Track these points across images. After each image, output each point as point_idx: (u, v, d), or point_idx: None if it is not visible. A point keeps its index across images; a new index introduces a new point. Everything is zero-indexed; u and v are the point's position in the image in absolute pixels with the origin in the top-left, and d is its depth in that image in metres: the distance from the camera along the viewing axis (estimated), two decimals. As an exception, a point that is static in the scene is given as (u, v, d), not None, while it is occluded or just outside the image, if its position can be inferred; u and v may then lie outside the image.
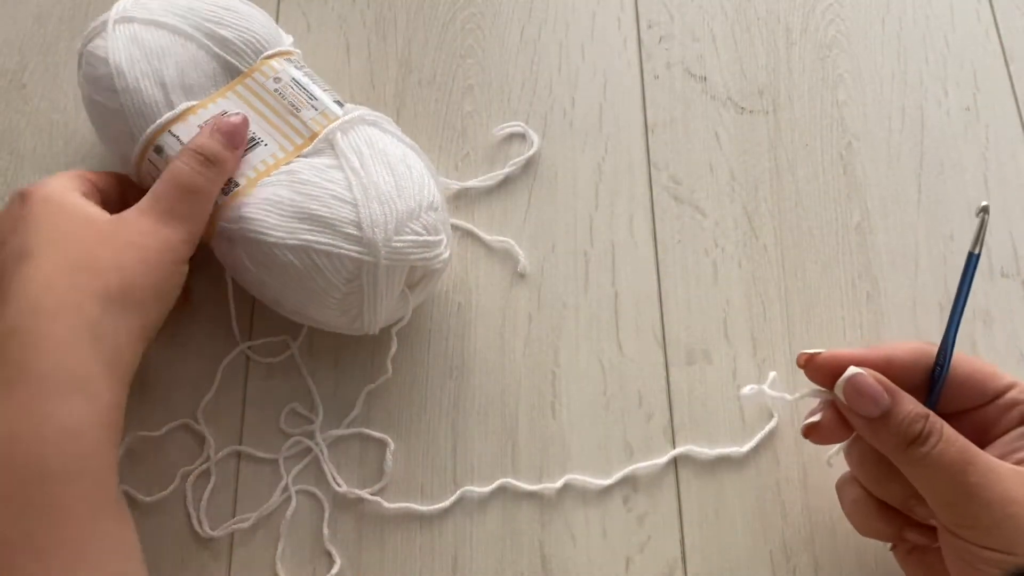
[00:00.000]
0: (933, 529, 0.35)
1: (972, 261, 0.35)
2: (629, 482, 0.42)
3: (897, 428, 0.33)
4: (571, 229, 0.47)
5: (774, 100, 0.50)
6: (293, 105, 0.42)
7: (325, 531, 0.40)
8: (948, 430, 0.33)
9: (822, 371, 0.36)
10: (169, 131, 0.41)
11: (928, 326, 0.45)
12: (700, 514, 0.41)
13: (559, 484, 0.41)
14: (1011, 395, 0.35)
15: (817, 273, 0.46)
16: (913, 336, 0.45)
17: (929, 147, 0.49)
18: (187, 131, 0.41)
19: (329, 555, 0.40)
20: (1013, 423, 0.35)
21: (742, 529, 0.41)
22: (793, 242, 0.47)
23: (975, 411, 0.36)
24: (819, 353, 0.36)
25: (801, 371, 0.37)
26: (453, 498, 0.41)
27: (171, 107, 0.42)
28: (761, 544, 0.41)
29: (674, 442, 0.43)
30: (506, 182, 0.48)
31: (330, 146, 0.41)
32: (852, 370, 0.34)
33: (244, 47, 0.43)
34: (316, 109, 0.42)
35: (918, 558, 0.37)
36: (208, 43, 0.43)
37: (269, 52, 0.44)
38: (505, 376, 0.44)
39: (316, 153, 0.41)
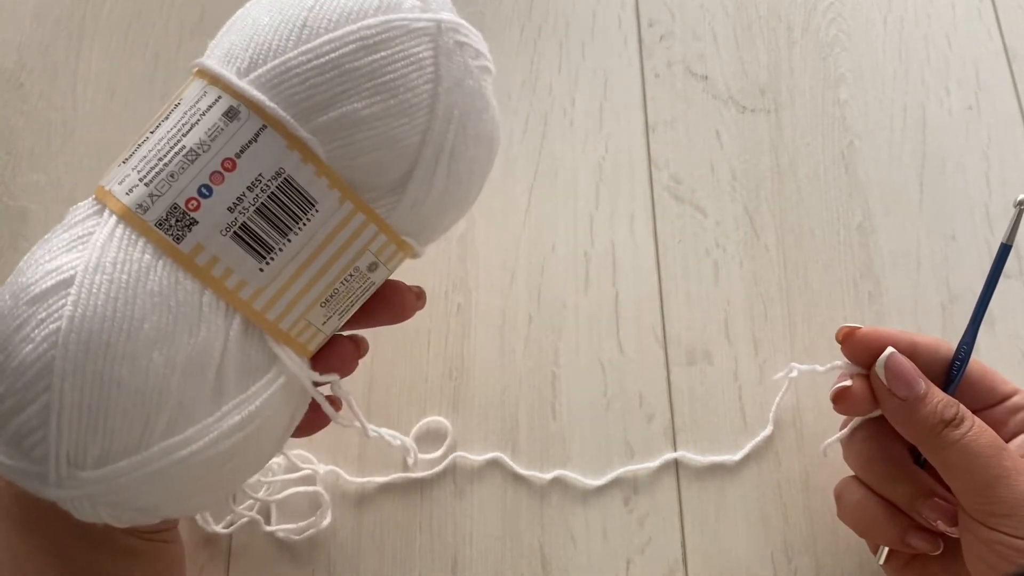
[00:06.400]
0: (936, 534, 0.35)
1: (1003, 252, 0.35)
2: (630, 483, 0.42)
3: (932, 409, 0.33)
4: (571, 229, 0.47)
5: (775, 99, 0.50)
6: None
7: (320, 487, 0.41)
8: (978, 419, 0.34)
9: (860, 346, 0.36)
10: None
11: (930, 326, 0.45)
12: (701, 515, 0.41)
13: (550, 476, 0.41)
14: (1017, 399, 0.36)
15: (819, 273, 0.46)
16: (915, 336, 0.45)
17: (931, 146, 0.49)
18: None
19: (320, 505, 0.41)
20: (1021, 426, 0.35)
21: (743, 530, 0.41)
22: (794, 242, 0.46)
23: (983, 412, 0.36)
24: (859, 328, 0.36)
25: (804, 376, 0.36)
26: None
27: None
28: (762, 545, 0.41)
29: (675, 443, 0.42)
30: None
31: None
32: (891, 350, 0.35)
33: None
34: None
35: (917, 570, 0.36)
36: None
37: None
38: (505, 376, 0.44)
39: None
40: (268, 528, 0.40)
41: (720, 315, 0.45)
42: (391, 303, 0.36)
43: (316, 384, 0.33)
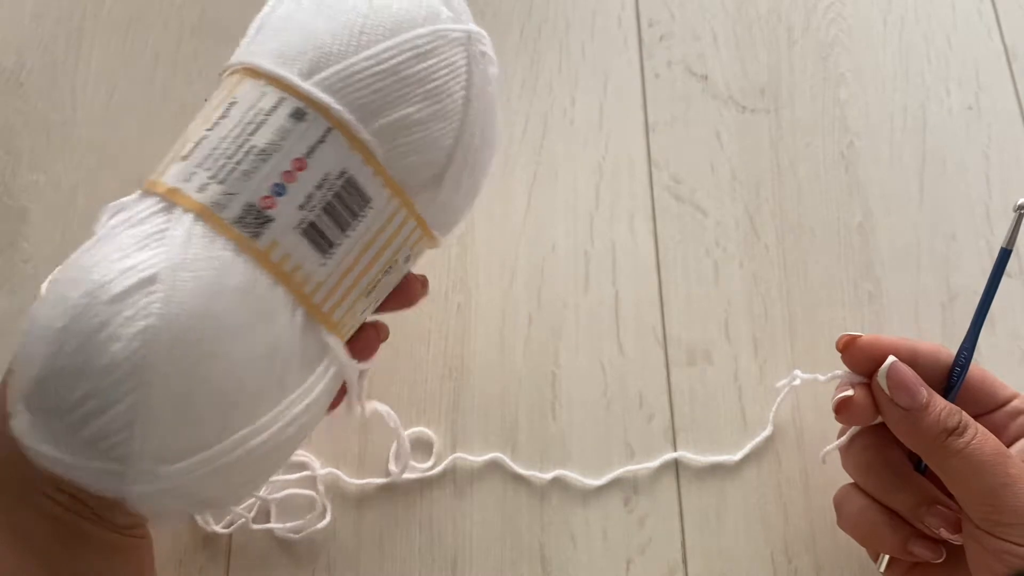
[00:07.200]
0: (939, 542, 0.34)
1: (1004, 256, 0.35)
2: (630, 483, 0.42)
3: (935, 419, 0.33)
4: (571, 229, 0.47)
5: (775, 99, 0.50)
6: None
7: (320, 488, 0.41)
8: (981, 426, 0.33)
9: (861, 355, 0.36)
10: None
11: (930, 327, 0.45)
12: (701, 516, 0.41)
13: (550, 476, 0.41)
14: (1016, 403, 0.35)
15: (819, 273, 0.46)
16: (915, 337, 0.44)
17: (931, 146, 0.49)
18: None
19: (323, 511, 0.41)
20: (1022, 431, 0.35)
21: (743, 531, 0.41)
22: (795, 242, 0.46)
23: (983, 417, 0.35)
24: (859, 336, 0.36)
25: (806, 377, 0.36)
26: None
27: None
28: (762, 546, 0.41)
29: (675, 443, 0.42)
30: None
31: None
32: (892, 359, 0.35)
33: None
34: None
35: None
36: None
37: None
38: (505, 376, 0.44)
39: None
40: (268, 527, 0.40)
41: (720, 315, 0.45)
42: (401, 290, 0.37)
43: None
